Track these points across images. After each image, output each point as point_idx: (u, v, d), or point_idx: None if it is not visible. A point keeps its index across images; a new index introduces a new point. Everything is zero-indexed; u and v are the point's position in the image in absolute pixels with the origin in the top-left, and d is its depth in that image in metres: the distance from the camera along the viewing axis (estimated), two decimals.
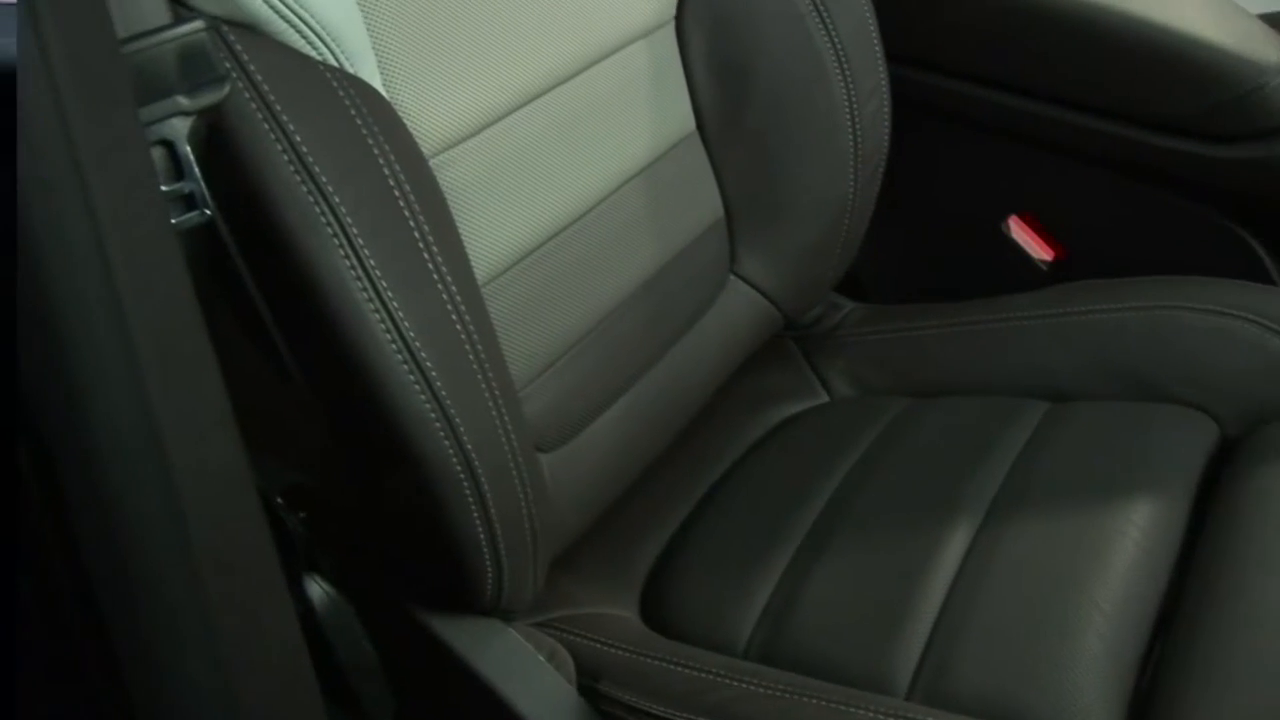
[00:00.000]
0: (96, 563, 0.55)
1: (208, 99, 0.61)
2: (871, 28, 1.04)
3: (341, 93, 0.67)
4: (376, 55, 0.73)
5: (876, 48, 1.05)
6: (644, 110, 0.93)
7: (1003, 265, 1.26)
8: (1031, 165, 1.21)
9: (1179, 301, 1.03)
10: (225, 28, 0.64)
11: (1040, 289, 1.13)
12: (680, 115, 0.99)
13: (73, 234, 0.52)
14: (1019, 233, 1.24)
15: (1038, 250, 1.24)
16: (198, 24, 0.61)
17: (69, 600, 0.60)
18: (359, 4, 0.72)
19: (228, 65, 0.63)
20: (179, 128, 0.61)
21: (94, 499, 0.53)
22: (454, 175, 0.77)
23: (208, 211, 0.62)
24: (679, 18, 0.98)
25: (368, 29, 0.72)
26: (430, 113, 0.75)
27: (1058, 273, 1.23)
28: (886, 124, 1.07)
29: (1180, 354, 1.01)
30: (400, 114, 0.72)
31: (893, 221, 1.17)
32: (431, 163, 0.75)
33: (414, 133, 0.73)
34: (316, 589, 0.81)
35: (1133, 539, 0.85)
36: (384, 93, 0.72)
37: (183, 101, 0.61)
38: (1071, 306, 1.07)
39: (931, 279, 1.33)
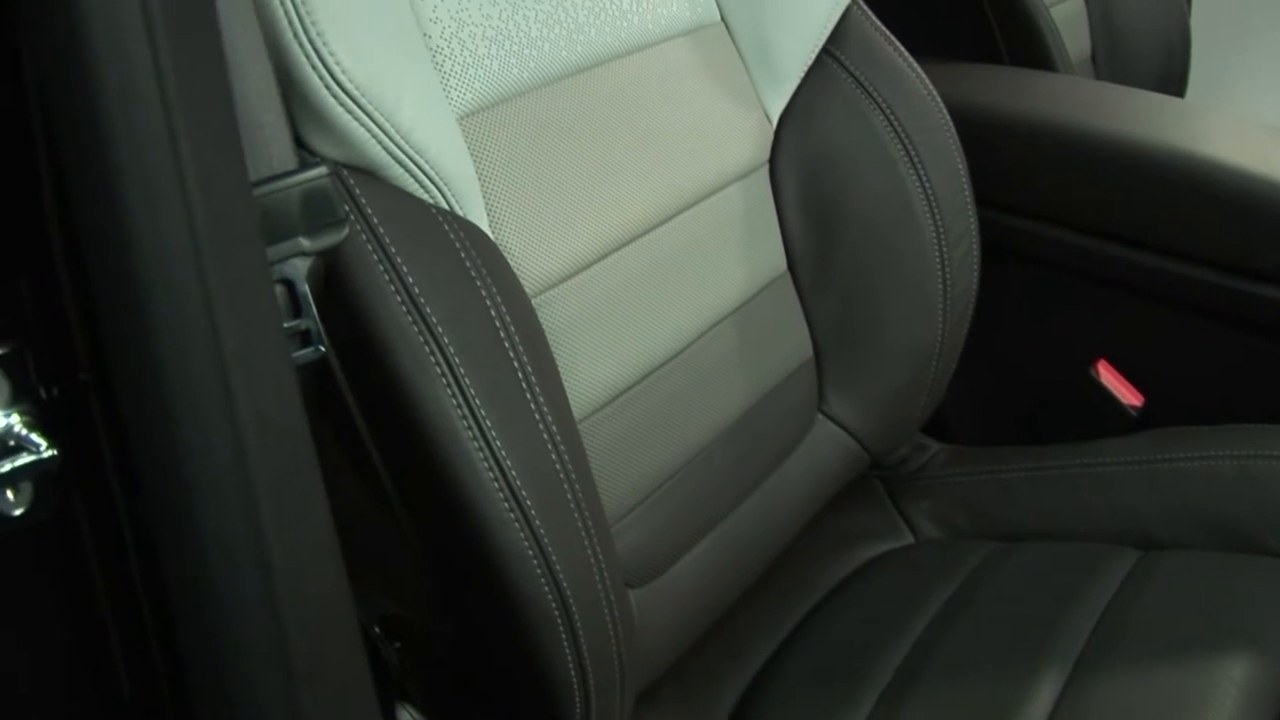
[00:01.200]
0: (197, 675, 0.56)
1: (328, 240, 0.64)
2: (962, 173, 1.06)
3: (452, 235, 0.70)
4: (485, 198, 0.76)
5: (966, 192, 1.06)
6: (737, 251, 0.95)
7: (1090, 409, 1.25)
8: (1120, 309, 1.22)
9: (1274, 451, 1.02)
10: (346, 172, 0.67)
11: (1129, 434, 1.12)
12: (772, 256, 1.01)
13: (198, 368, 0.54)
14: (1107, 377, 1.24)
15: (1126, 395, 1.24)
16: (321, 170, 0.64)
17: (170, 709, 0.62)
18: (470, 150, 0.75)
19: (347, 208, 0.66)
20: (299, 267, 0.64)
21: (200, 616, 0.55)
22: (554, 314, 0.79)
23: (322, 348, 0.64)
24: (773, 160, 1.01)
25: (478, 174, 0.75)
26: (534, 254, 0.78)
27: (1147, 418, 1.22)
28: (975, 267, 1.08)
29: (1276, 505, 0.99)
30: (505, 254, 0.75)
31: (980, 363, 1.18)
32: (534, 301, 0.77)
33: (518, 272, 0.76)
34: (408, 718, 0.82)
35: (1231, 697, 0.83)
36: (490, 234, 0.75)
37: (304, 243, 0.63)
38: (1162, 453, 1.06)
39: (1018, 421, 1.33)
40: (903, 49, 1.06)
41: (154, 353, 0.54)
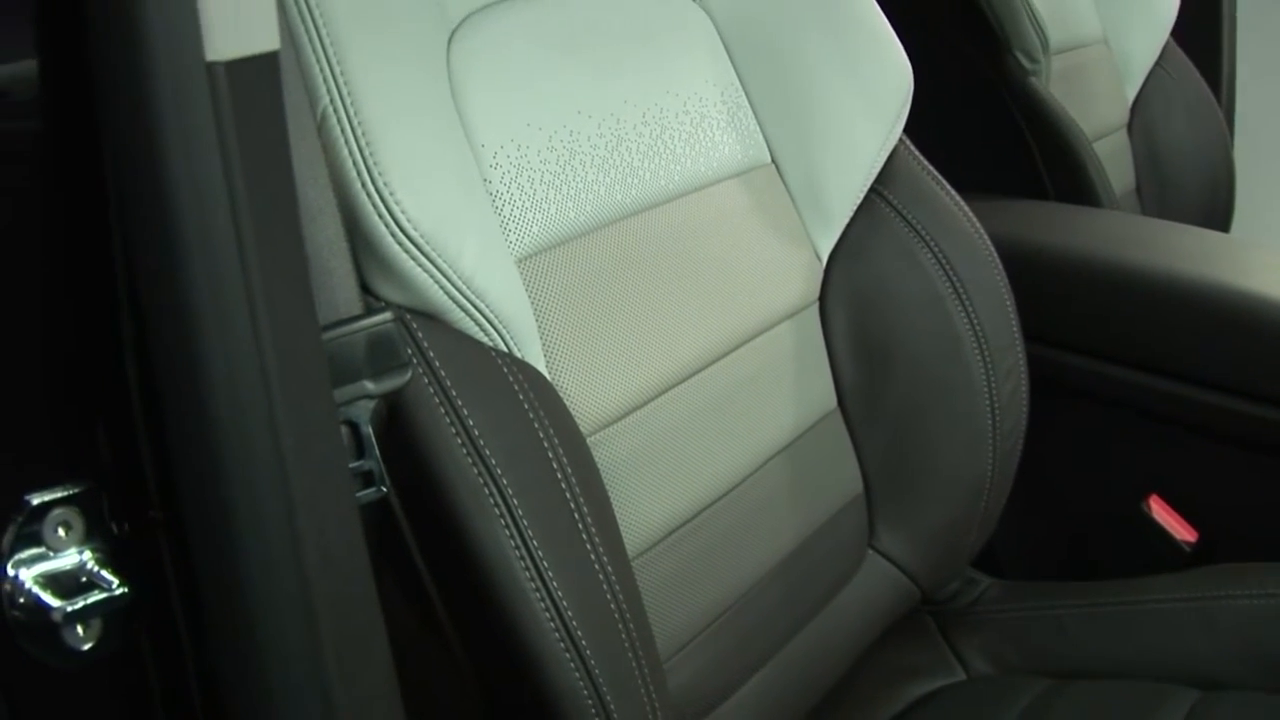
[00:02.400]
0: None
1: (392, 384, 0.66)
2: (1009, 309, 1.08)
3: (511, 377, 0.72)
4: (542, 340, 0.78)
5: (1014, 328, 1.08)
6: (788, 388, 0.97)
7: (1143, 545, 1.25)
8: (1171, 444, 1.22)
9: None
10: (409, 316, 0.70)
11: (1183, 570, 1.11)
12: (822, 393, 1.02)
13: (267, 509, 0.56)
14: (1159, 512, 1.24)
15: (1179, 530, 1.23)
16: (386, 315, 0.67)
17: None
18: (528, 293, 0.78)
19: (409, 351, 0.68)
20: (364, 409, 0.66)
21: None
22: (609, 453, 0.81)
23: (384, 489, 0.66)
24: (823, 298, 1.03)
25: (535, 316, 0.78)
26: (589, 394, 0.80)
27: (1201, 554, 1.22)
28: (1024, 402, 1.09)
29: None
30: (562, 395, 0.77)
31: (1031, 498, 1.18)
32: (589, 440, 0.79)
33: (573, 412, 0.77)
34: None
35: None
36: (547, 375, 0.77)
37: (369, 386, 0.66)
38: (1218, 590, 1.05)
39: (1070, 556, 1.32)
40: (948, 186, 1.08)
41: (224, 494, 0.56)
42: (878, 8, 1.06)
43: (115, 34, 0.52)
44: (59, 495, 0.61)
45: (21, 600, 0.59)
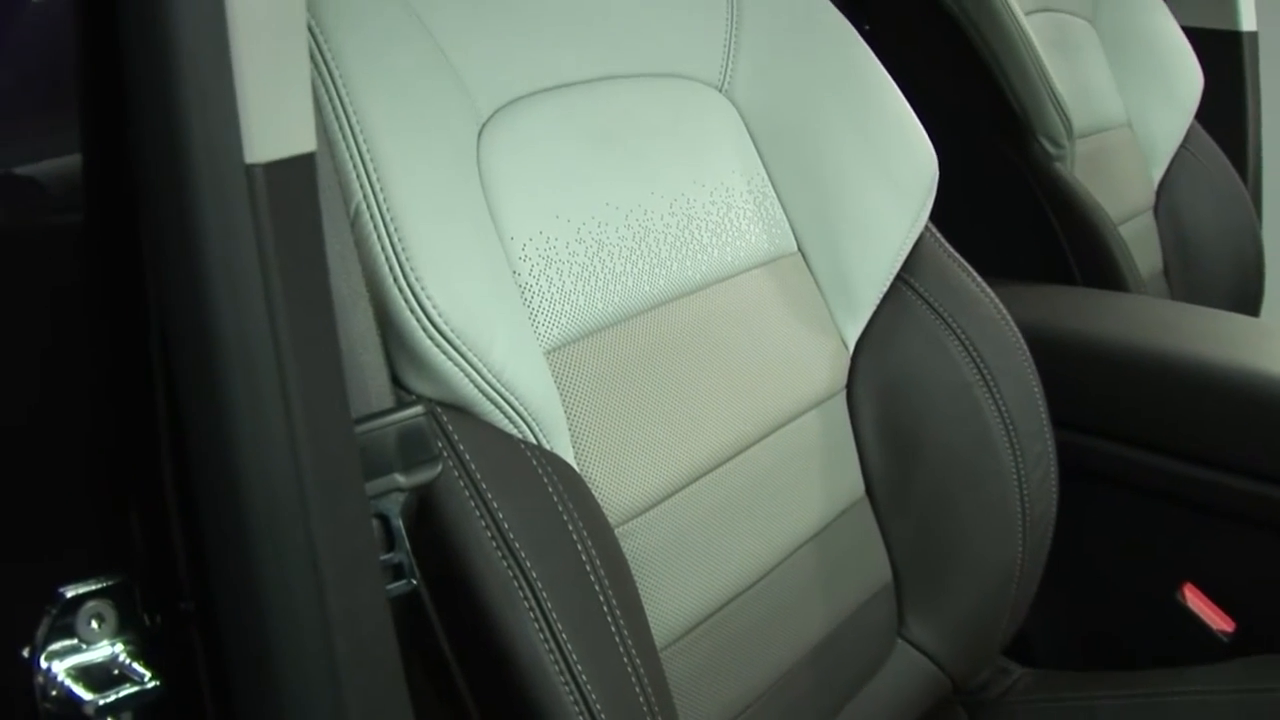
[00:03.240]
0: None
1: (422, 477, 0.68)
2: (1037, 395, 1.08)
3: (540, 470, 0.73)
4: (570, 431, 0.79)
5: (1043, 415, 1.08)
6: (815, 478, 0.98)
7: (1179, 634, 1.24)
8: (1205, 531, 1.22)
9: None
10: (440, 409, 0.71)
11: (1221, 662, 1.11)
12: (850, 481, 1.03)
13: (299, 602, 0.57)
14: (1195, 601, 1.23)
15: (1216, 620, 1.23)
16: (417, 409, 0.68)
17: None
18: (557, 384, 0.79)
19: (440, 445, 0.69)
20: (395, 502, 0.67)
21: None
22: (637, 544, 0.82)
23: (414, 581, 0.67)
24: (850, 386, 1.04)
25: (564, 407, 0.79)
26: (617, 485, 0.81)
27: (1239, 644, 1.21)
28: (1054, 489, 1.09)
29: None
30: (590, 486, 0.78)
31: (1062, 586, 1.18)
32: (617, 531, 0.80)
33: (602, 504, 0.78)
34: None
35: None
36: (576, 466, 0.78)
37: (400, 479, 0.67)
38: (1257, 683, 1.04)
39: (1104, 645, 1.31)
40: (974, 273, 1.09)
41: (256, 586, 0.57)
42: (901, 96, 1.08)
43: (157, 135, 0.54)
44: (92, 588, 0.62)
45: (54, 693, 0.60)
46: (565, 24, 0.90)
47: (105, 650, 0.62)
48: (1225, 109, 1.93)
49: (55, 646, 0.61)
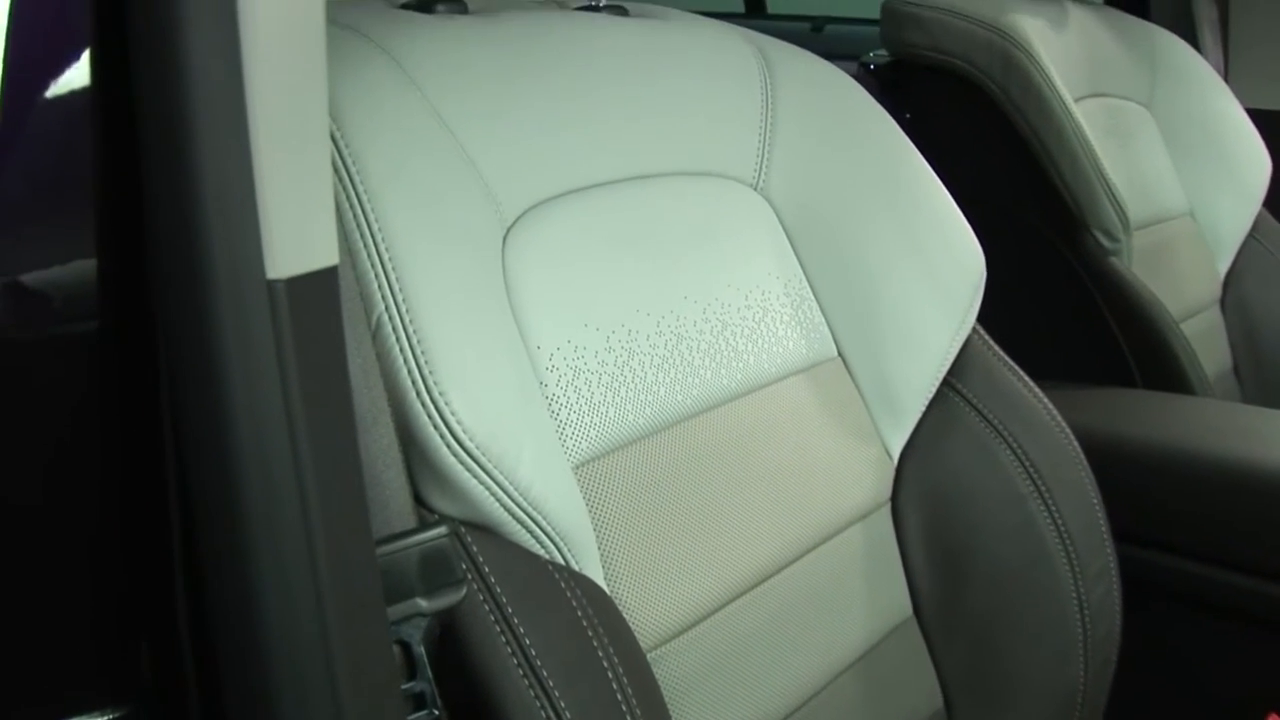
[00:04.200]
0: None
1: (445, 601, 0.70)
2: (1096, 507, 1.09)
3: (568, 592, 0.75)
4: (600, 550, 0.81)
5: (1103, 528, 1.09)
6: (859, 597, 0.99)
7: None
8: None
9: None
10: (464, 530, 0.73)
11: None
12: (896, 600, 1.04)
13: None
14: None
15: None
16: (441, 530, 0.70)
17: None
18: (585, 500, 0.81)
19: (464, 567, 0.71)
20: (416, 628, 0.69)
21: None
22: (670, 669, 0.83)
23: (436, 712, 0.68)
24: (895, 499, 1.06)
25: (593, 525, 0.81)
26: (649, 607, 0.83)
27: None
28: (1118, 609, 1.09)
29: None
30: (621, 609, 0.80)
31: (1129, 715, 1.18)
32: (649, 656, 0.81)
33: (634, 627, 0.80)
34: None
35: None
36: (606, 588, 0.80)
37: (422, 604, 0.69)
38: None
39: None
40: (1026, 377, 1.11)
41: (274, 698, 0.58)
42: (944, 190, 1.11)
43: (176, 248, 0.57)
44: None
45: None
46: (592, 123, 0.93)
47: None
48: None
49: None
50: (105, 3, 0.57)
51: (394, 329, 0.72)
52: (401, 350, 0.72)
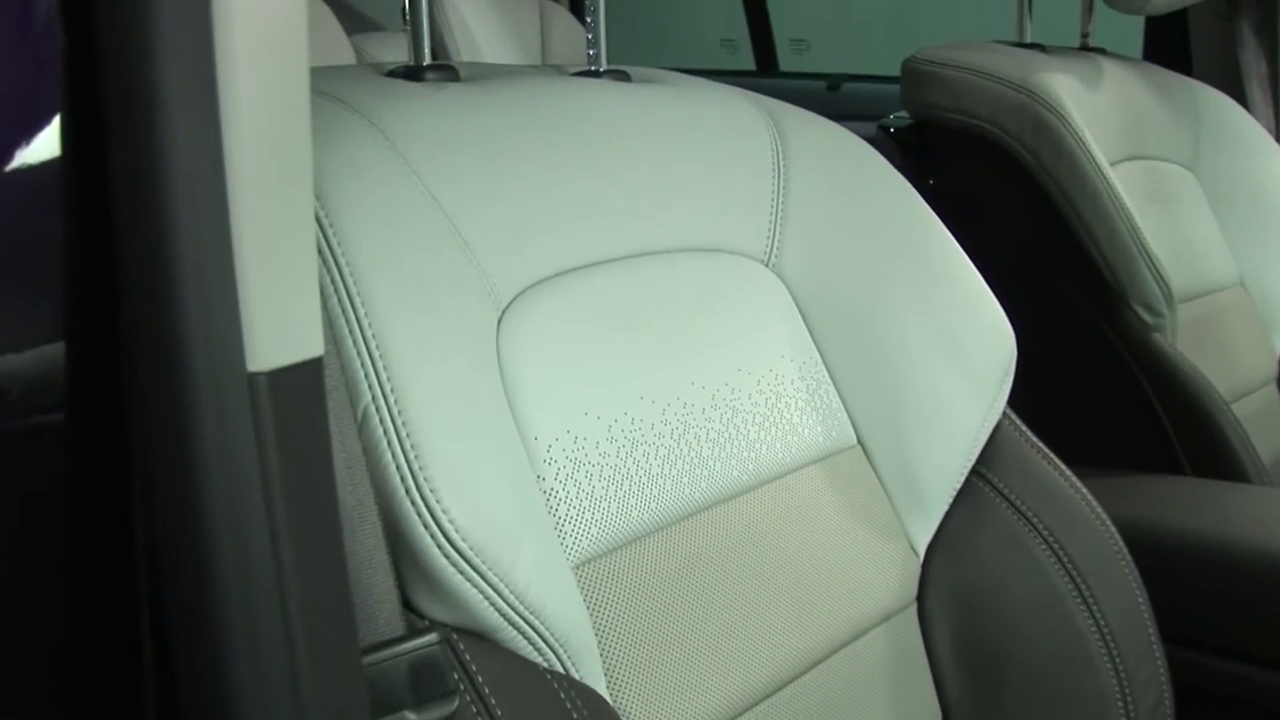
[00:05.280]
0: None
1: (435, 714, 0.71)
2: (1142, 607, 1.09)
3: (569, 704, 0.76)
4: (602, 657, 0.82)
5: (1150, 631, 1.09)
6: (884, 705, 1.00)
7: None
8: None
9: None
10: (455, 637, 0.74)
11: None
12: (925, 709, 1.05)
13: None
14: None
15: None
16: (431, 637, 0.72)
17: None
18: (586, 603, 0.82)
19: (456, 677, 0.73)
20: None
21: None
22: None
23: None
24: (921, 599, 1.07)
25: (594, 629, 0.82)
26: (656, 718, 0.83)
27: None
28: (1170, 717, 1.10)
29: None
30: None
31: None
32: None
33: None
34: None
35: None
36: (609, 698, 0.81)
37: (410, 717, 0.70)
38: None
39: None
40: (1062, 465, 1.12)
41: None
42: (970, 263, 1.12)
43: (152, 338, 0.58)
44: None
45: None
46: (592, 197, 0.95)
47: None
48: None
49: None
50: (78, 73, 0.58)
51: (381, 421, 0.74)
52: (389, 444, 0.73)
